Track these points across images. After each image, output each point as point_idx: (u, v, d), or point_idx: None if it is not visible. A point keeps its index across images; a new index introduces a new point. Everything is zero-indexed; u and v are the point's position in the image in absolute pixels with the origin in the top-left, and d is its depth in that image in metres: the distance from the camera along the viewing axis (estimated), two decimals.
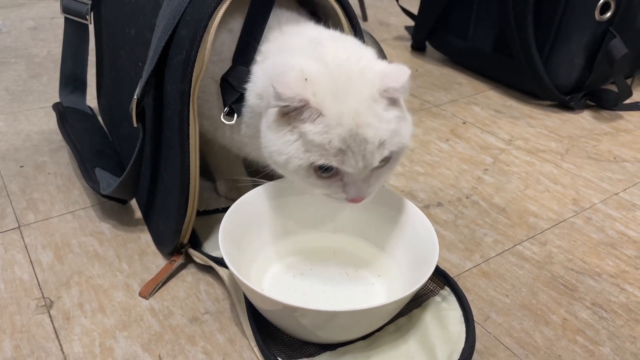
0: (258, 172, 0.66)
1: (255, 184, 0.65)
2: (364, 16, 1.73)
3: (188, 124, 0.59)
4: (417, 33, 1.47)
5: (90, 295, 0.64)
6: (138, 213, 0.78)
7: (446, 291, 0.63)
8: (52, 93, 1.12)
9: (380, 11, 1.86)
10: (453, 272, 0.70)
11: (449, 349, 0.56)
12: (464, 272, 0.71)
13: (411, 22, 1.52)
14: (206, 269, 0.68)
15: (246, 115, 0.61)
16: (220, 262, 0.65)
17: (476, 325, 0.61)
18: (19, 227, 0.75)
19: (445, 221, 0.80)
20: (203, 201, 0.76)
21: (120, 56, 0.80)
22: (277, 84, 0.51)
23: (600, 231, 0.80)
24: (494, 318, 0.64)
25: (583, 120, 1.15)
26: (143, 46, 0.69)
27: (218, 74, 0.61)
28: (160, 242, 0.71)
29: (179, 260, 0.67)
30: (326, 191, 0.56)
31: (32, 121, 1.02)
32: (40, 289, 0.65)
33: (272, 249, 0.67)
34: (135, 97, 0.62)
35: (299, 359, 0.56)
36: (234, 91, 0.60)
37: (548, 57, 1.16)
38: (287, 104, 0.51)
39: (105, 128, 0.95)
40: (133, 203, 0.80)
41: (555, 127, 1.11)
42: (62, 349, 0.57)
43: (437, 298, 0.63)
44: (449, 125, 1.10)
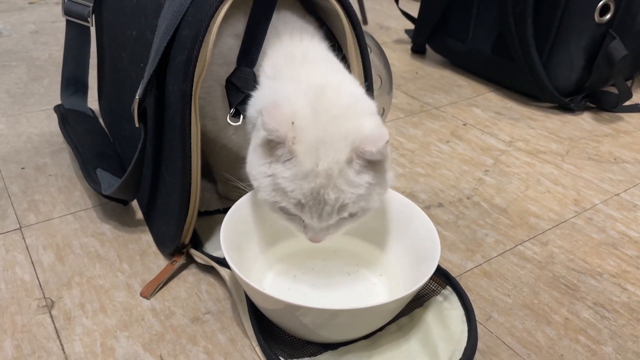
0: None
1: None
2: (364, 20, 1.73)
3: (190, 124, 0.59)
4: (417, 36, 1.47)
5: (91, 295, 0.64)
6: (139, 214, 0.78)
7: (448, 290, 0.63)
8: (53, 96, 1.12)
9: (380, 15, 1.86)
10: (454, 272, 0.70)
11: (451, 348, 0.56)
12: (466, 272, 0.71)
13: (411, 26, 1.53)
14: (207, 269, 0.68)
15: (248, 119, 0.61)
16: (221, 262, 0.65)
17: (478, 324, 0.61)
18: (20, 228, 0.75)
19: (446, 222, 0.80)
20: (204, 202, 0.76)
21: (121, 58, 0.80)
22: (266, 114, 0.52)
23: (601, 231, 0.80)
24: (496, 318, 0.64)
25: (583, 121, 1.15)
26: (144, 47, 0.69)
27: (223, 77, 0.61)
28: (161, 243, 0.71)
29: (180, 260, 0.67)
30: (289, 225, 0.58)
31: (33, 123, 1.02)
32: (41, 290, 0.65)
33: (273, 249, 0.67)
34: (137, 97, 0.62)
35: (301, 359, 0.56)
36: (239, 92, 0.60)
37: (548, 59, 1.16)
38: (270, 137, 0.53)
39: (106, 130, 0.95)
40: (134, 204, 0.80)
41: (555, 129, 1.11)
42: (64, 349, 0.57)
43: (439, 297, 0.62)
44: (449, 127, 1.10)
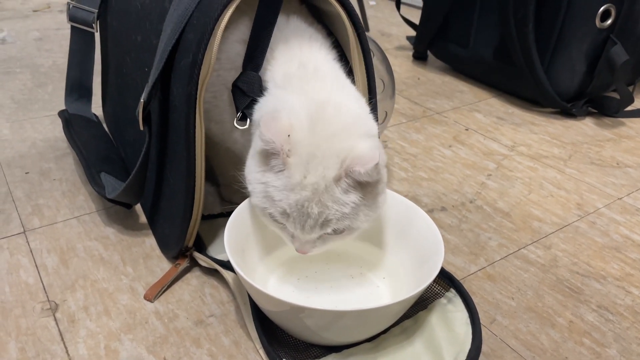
0: None
1: None
2: (366, 27, 1.74)
3: (194, 127, 0.60)
4: (419, 42, 1.48)
5: (95, 298, 0.64)
6: (143, 217, 0.78)
7: (452, 293, 0.63)
8: (57, 102, 1.13)
9: (381, 22, 1.87)
10: (458, 276, 0.70)
11: (455, 350, 0.56)
12: (469, 276, 0.71)
13: (412, 32, 1.54)
14: (211, 272, 0.68)
15: (254, 122, 0.62)
16: (225, 265, 0.66)
17: (482, 327, 0.61)
18: (24, 232, 0.75)
19: (449, 225, 0.81)
20: (207, 205, 0.76)
21: (126, 63, 0.81)
22: (263, 125, 0.53)
23: (604, 235, 0.80)
24: (500, 321, 0.64)
25: (585, 127, 1.16)
26: (149, 52, 0.69)
27: (230, 81, 0.62)
28: (165, 246, 0.71)
29: (184, 263, 0.67)
30: (279, 232, 0.59)
31: (38, 129, 1.03)
32: (45, 293, 0.65)
33: (277, 252, 0.67)
34: (141, 101, 0.63)
35: None
36: (245, 96, 0.61)
37: (549, 65, 1.17)
38: (266, 147, 0.53)
39: (110, 135, 0.96)
40: (138, 208, 0.80)
41: (557, 134, 1.12)
42: (68, 352, 0.57)
43: (443, 300, 0.62)
44: (452, 132, 1.10)
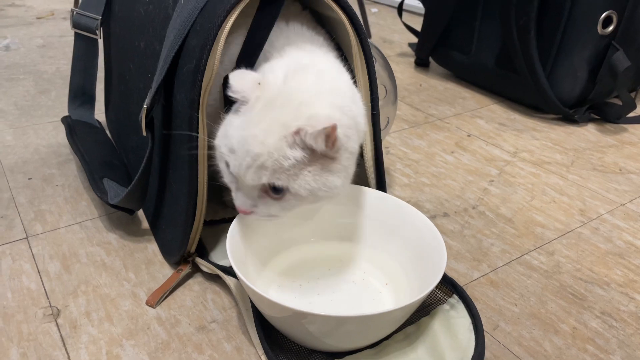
0: None
1: None
2: (368, 34, 1.75)
3: (197, 132, 0.60)
4: (421, 49, 1.48)
5: (97, 304, 0.64)
6: (145, 223, 0.78)
7: (454, 299, 0.63)
8: (60, 108, 1.14)
9: (383, 29, 1.88)
10: (461, 282, 0.70)
11: (458, 357, 0.56)
12: (472, 282, 0.70)
13: (414, 39, 1.54)
14: (213, 278, 0.68)
15: None
16: (227, 271, 0.65)
17: (485, 334, 0.61)
18: (27, 238, 0.75)
19: (451, 231, 0.80)
20: (210, 211, 0.76)
21: (129, 69, 0.81)
22: (232, 78, 0.54)
23: (607, 241, 0.80)
24: (503, 327, 0.63)
25: (587, 133, 1.16)
26: (152, 58, 0.70)
27: None
28: (167, 252, 0.71)
29: (186, 269, 0.67)
30: (229, 186, 0.58)
31: (41, 135, 1.03)
32: (47, 298, 0.65)
33: (279, 258, 0.67)
34: (144, 107, 0.63)
35: None
36: None
37: (551, 71, 1.17)
38: (235, 96, 0.54)
39: (112, 141, 0.96)
40: (140, 214, 0.80)
41: (559, 140, 1.12)
42: (69, 357, 0.57)
43: (446, 306, 0.62)
44: (454, 138, 1.10)
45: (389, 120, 0.92)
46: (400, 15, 1.54)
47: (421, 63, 1.52)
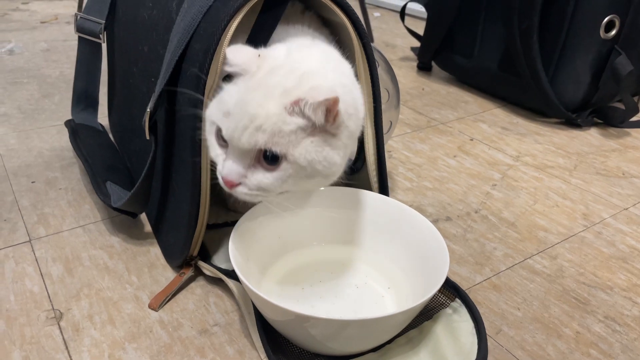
0: None
1: None
2: (370, 38, 1.75)
3: (200, 136, 0.60)
4: (423, 53, 1.49)
5: (99, 307, 0.64)
6: (148, 227, 0.79)
7: (457, 303, 0.62)
8: (64, 112, 1.14)
9: (386, 33, 1.88)
10: (463, 286, 0.70)
11: None
12: (475, 286, 0.70)
13: (417, 43, 1.55)
14: (215, 282, 0.68)
15: None
16: (229, 274, 0.65)
17: (488, 338, 0.61)
18: (30, 241, 0.75)
19: (454, 235, 0.80)
20: (212, 214, 0.76)
21: (132, 73, 0.81)
22: (229, 52, 0.54)
23: (611, 245, 0.79)
24: (506, 331, 0.63)
25: (590, 137, 1.16)
26: (156, 62, 0.70)
27: None
28: (169, 255, 0.71)
29: (189, 272, 0.67)
30: (216, 160, 0.56)
31: (44, 138, 1.04)
32: (50, 301, 0.65)
33: (281, 262, 0.67)
34: (148, 110, 0.63)
35: None
36: None
37: (554, 75, 1.17)
38: (233, 69, 0.54)
39: (115, 144, 0.96)
40: (143, 217, 0.80)
41: (562, 144, 1.11)
42: None
43: (448, 310, 0.62)
44: (456, 142, 1.10)
45: (392, 124, 0.92)
46: (402, 19, 1.54)
47: (424, 67, 1.52)
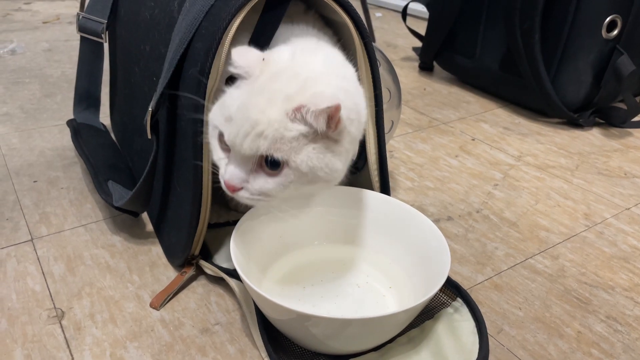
0: None
1: None
2: (372, 38, 1.75)
3: (202, 135, 0.60)
4: (425, 53, 1.49)
5: (101, 306, 0.64)
6: (149, 226, 0.79)
7: (458, 302, 0.62)
8: (66, 111, 1.14)
9: (387, 33, 1.88)
10: (465, 285, 0.70)
11: None
12: (476, 285, 0.70)
13: (419, 43, 1.55)
14: (217, 281, 0.68)
15: None
16: (231, 273, 0.65)
17: (489, 338, 0.61)
18: (32, 240, 0.75)
19: (455, 235, 0.80)
20: (214, 214, 0.76)
21: (134, 72, 0.82)
22: (235, 53, 0.53)
23: (612, 245, 0.79)
24: (507, 331, 0.63)
25: (592, 137, 1.15)
26: (157, 61, 0.70)
27: None
28: (171, 254, 0.71)
29: (190, 271, 0.68)
30: (218, 163, 0.56)
31: (46, 138, 1.04)
32: (52, 300, 0.65)
33: (282, 261, 0.67)
34: (149, 109, 0.63)
35: None
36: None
37: (556, 75, 1.17)
38: (236, 71, 0.54)
39: (117, 144, 0.96)
40: (144, 216, 0.80)
41: (564, 144, 1.11)
42: (73, 359, 0.57)
43: (450, 309, 0.62)
44: (458, 142, 1.10)
45: (393, 124, 0.92)
46: (404, 19, 1.54)
47: (425, 67, 1.52)
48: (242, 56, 0.54)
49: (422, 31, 1.49)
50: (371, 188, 0.71)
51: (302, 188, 0.55)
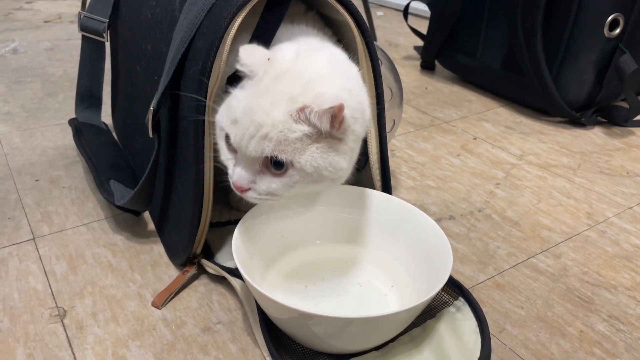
0: None
1: None
2: (374, 37, 1.75)
3: (203, 134, 0.60)
4: (426, 52, 1.48)
5: (103, 305, 0.64)
6: (151, 225, 0.79)
7: (460, 302, 0.62)
8: (68, 110, 1.14)
9: (389, 32, 1.88)
10: (467, 285, 0.69)
11: (465, 359, 0.55)
12: (478, 285, 0.70)
13: (420, 42, 1.54)
14: (218, 280, 0.68)
15: None
16: (232, 272, 0.66)
17: (491, 337, 0.61)
18: (34, 239, 0.75)
19: (457, 234, 0.80)
20: (215, 213, 0.76)
21: (136, 72, 0.82)
22: (242, 51, 0.54)
23: (615, 244, 0.79)
24: (510, 330, 0.63)
25: (594, 136, 1.15)
26: (159, 60, 0.70)
27: None
28: (173, 253, 0.71)
29: (192, 270, 0.68)
30: (226, 163, 0.57)
31: (48, 137, 1.04)
32: (54, 299, 0.65)
33: (284, 260, 0.67)
34: (151, 108, 0.63)
35: None
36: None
37: (558, 74, 1.17)
38: (242, 69, 0.54)
39: (119, 143, 0.97)
40: (146, 215, 0.80)
41: (566, 143, 1.11)
42: (75, 358, 0.57)
43: (452, 309, 0.62)
44: (460, 141, 1.10)
45: (395, 122, 0.92)
46: (406, 18, 1.54)
47: (427, 66, 1.52)
48: (249, 54, 0.54)
49: (424, 30, 1.49)
50: (373, 187, 0.71)
51: (308, 187, 0.56)
